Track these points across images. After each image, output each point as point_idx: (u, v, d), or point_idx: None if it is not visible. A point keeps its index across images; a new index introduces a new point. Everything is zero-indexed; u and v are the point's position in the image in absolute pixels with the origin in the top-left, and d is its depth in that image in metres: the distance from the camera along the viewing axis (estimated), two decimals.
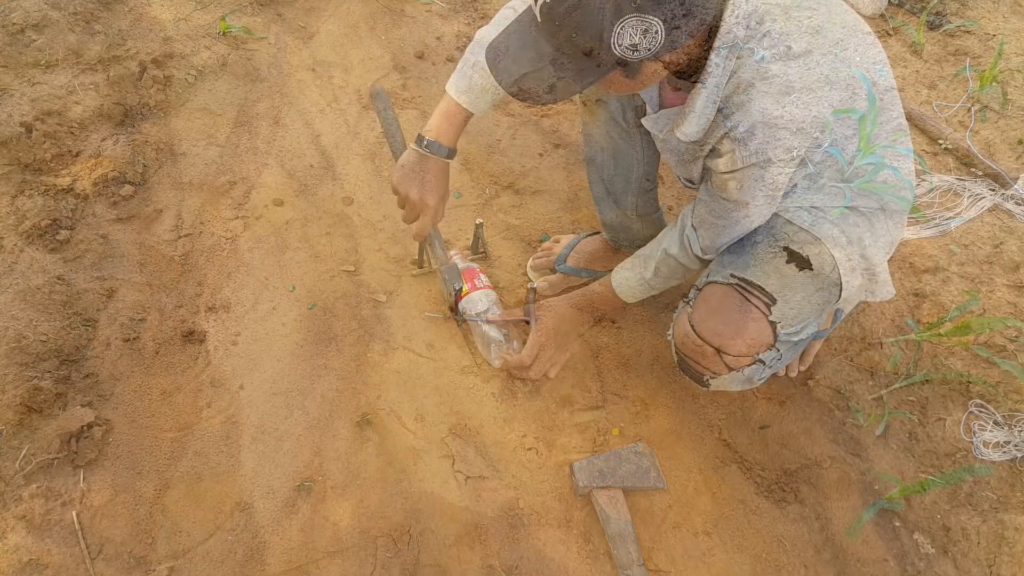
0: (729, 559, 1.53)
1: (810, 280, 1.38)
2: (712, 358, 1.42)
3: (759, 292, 1.37)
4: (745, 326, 1.38)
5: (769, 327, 1.37)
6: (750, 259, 1.41)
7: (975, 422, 1.73)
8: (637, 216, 1.82)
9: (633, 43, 1.07)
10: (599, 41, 1.07)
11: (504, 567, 1.47)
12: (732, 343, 1.38)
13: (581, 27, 1.07)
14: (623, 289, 1.66)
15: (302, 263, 1.94)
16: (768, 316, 1.37)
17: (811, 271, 1.38)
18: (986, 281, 2.00)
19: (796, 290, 1.38)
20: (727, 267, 1.43)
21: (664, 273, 1.58)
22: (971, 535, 1.56)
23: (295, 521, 1.49)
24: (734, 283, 1.40)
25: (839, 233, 1.40)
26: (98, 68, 2.27)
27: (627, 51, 1.09)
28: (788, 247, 1.39)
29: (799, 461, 1.68)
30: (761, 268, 1.39)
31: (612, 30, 1.06)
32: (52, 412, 1.55)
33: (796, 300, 1.38)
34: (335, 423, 1.65)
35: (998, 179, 2.28)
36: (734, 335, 1.38)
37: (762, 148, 1.20)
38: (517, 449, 1.65)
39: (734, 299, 1.39)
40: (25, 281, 1.74)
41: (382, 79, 2.49)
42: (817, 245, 1.38)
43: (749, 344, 1.38)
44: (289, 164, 2.18)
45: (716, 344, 1.40)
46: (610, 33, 1.06)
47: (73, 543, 1.41)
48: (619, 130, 1.66)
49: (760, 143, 1.20)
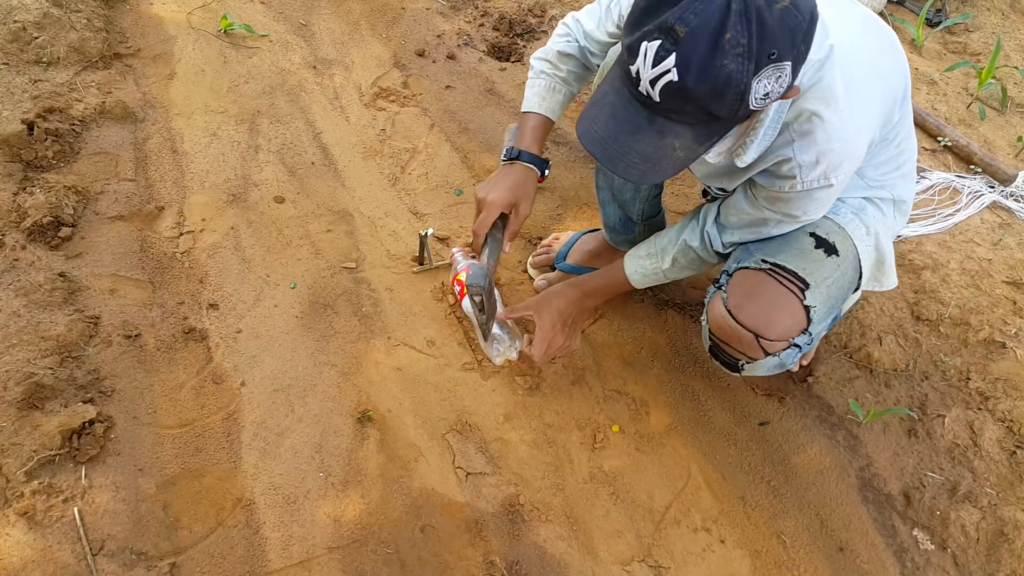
0: (728, 555, 1.53)
1: (836, 266, 1.40)
2: (750, 343, 1.41)
3: (792, 276, 1.38)
4: (783, 310, 1.38)
5: (804, 311, 1.38)
6: (779, 245, 1.42)
7: (975, 419, 1.73)
8: (641, 220, 1.82)
9: (767, 92, 1.06)
10: (740, 103, 1.04)
11: (505, 563, 1.47)
12: (771, 328, 1.38)
13: (720, 95, 1.03)
14: (636, 277, 1.63)
15: (303, 260, 1.94)
16: (803, 300, 1.38)
17: (837, 256, 1.40)
18: (985, 278, 2.00)
19: (826, 275, 1.39)
20: (755, 253, 1.44)
21: (681, 264, 1.57)
22: (970, 531, 1.56)
23: (296, 517, 1.50)
24: (767, 268, 1.40)
25: (859, 224, 1.43)
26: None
27: (761, 102, 1.07)
28: (815, 233, 1.41)
29: (799, 457, 1.68)
30: (791, 253, 1.41)
31: (752, 88, 1.03)
32: (54, 409, 1.55)
33: (826, 284, 1.40)
34: (336, 420, 1.65)
35: (997, 176, 2.28)
36: (773, 320, 1.38)
37: (826, 174, 1.24)
38: (517, 446, 1.65)
39: (769, 284, 1.39)
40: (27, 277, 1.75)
41: (383, 76, 2.50)
42: (841, 233, 1.42)
43: (787, 328, 1.39)
44: (290, 161, 2.18)
45: (755, 329, 1.39)
46: (750, 92, 1.04)
47: (75, 539, 1.41)
48: None
49: (824, 170, 1.23)
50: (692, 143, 1.12)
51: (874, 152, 1.39)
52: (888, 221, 1.49)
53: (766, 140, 1.24)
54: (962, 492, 1.62)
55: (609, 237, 1.92)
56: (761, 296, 1.39)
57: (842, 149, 1.22)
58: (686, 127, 1.10)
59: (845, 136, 1.22)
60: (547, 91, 1.62)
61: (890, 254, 1.50)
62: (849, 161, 1.25)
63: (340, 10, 2.75)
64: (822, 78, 1.18)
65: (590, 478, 1.62)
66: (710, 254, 1.53)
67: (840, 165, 1.24)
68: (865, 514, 1.61)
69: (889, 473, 1.67)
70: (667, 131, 1.11)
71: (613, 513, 1.57)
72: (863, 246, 1.43)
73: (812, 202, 1.32)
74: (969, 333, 1.87)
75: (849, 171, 1.27)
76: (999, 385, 1.77)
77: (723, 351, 1.48)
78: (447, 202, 2.15)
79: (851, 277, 1.44)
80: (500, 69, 2.61)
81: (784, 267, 1.39)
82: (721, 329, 1.44)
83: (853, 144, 1.24)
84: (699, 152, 1.15)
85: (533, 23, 2.78)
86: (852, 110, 1.21)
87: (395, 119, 2.37)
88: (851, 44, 1.22)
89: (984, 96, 2.58)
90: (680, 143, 1.12)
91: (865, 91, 1.24)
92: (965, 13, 2.85)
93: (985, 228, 2.15)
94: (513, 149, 1.59)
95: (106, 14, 2.49)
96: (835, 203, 1.44)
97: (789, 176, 1.26)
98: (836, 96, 1.19)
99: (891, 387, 1.80)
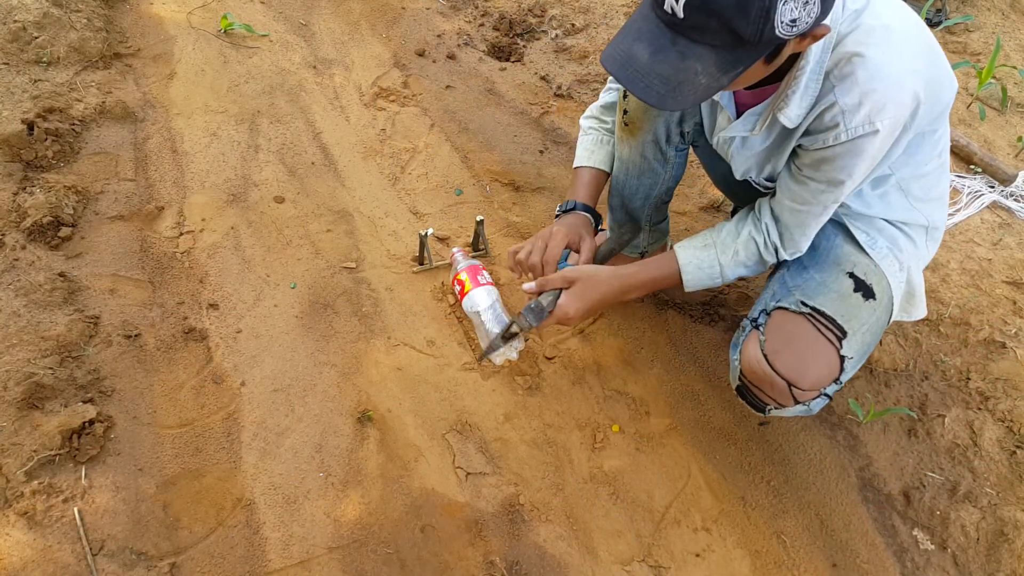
0: (728, 555, 1.53)
1: (873, 311, 1.37)
2: (782, 391, 1.37)
3: (831, 324, 1.34)
4: (819, 360, 1.34)
5: (839, 360, 1.34)
6: (817, 284, 1.37)
7: (975, 419, 1.73)
8: (648, 224, 1.82)
9: (794, 18, 1.03)
10: (765, 21, 1.01)
11: (505, 563, 1.47)
12: (806, 378, 1.34)
13: (745, 9, 1.00)
14: (690, 269, 1.49)
15: (303, 260, 1.94)
16: (840, 350, 1.34)
17: (874, 300, 1.37)
18: (985, 278, 2.00)
19: (863, 321, 1.36)
20: (794, 292, 1.39)
21: (741, 258, 1.46)
22: (970, 531, 1.56)
23: (296, 517, 1.50)
24: (806, 312, 1.36)
25: (893, 260, 1.41)
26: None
27: (787, 28, 1.04)
28: (853, 273, 1.38)
29: (799, 457, 1.68)
30: (829, 296, 1.36)
31: (777, 7, 1.00)
32: (54, 408, 1.55)
33: (862, 332, 1.36)
34: (336, 420, 1.65)
35: (997, 176, 2.28)
36: (809, 369, 1.34)
37: (870, 118, 1.16)
38: (517, 446, 1.65)
39: (808, 331, 1.35)
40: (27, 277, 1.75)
41: (383, 76, 2.50)
42: (878, 273, 1.39)
43: (821, 378, 1.35)
44: (290, 161, 2.18)
45: (789, 378, 1.34)
46: (776, 10, 1.01)
47: (75, 539, 1.41)
48: (655, 151, 1.63)
49: (868, 112, 1.16)
50: (715, 70, 1.08)
51: (919, 152, 1.34)
52: (920, 252, 1.46)
53: (809, 93, 1.20)
54: (962, 492, 1.62)
55: (613, 240, 1.91)
56: (799, 344, 1.34)
57: (886, 89, 1.15)
58: (709, 50, 1.06)
59: (888, 73, 1.15)
60: (595, 144, 1.64)
61: (920, 285, 1.47)
62: (894, 104, 1.16)
63: (340, 10, 2.75)
64: (861, 23, 1.16)
65: (590, 478, 1.62)
66: (769, 251, 1.44)
67: (884, 106, 1.16)
68: (865, 514, 1.61)
69: (889, 473, 1.66)
70: (689, 53, 1.07)
71: (613, 513, 1.57)
72: (896, 283, 1.40)
73: (857, 157, 1.22)
74: (969, 333, 1.87)
75: (896, 119, 1.18)
76: (999, 385, 1.77)
77: (751, 392, 1.44)
78: (447, 202, 2.15)
79: (884, 320, 1.41)
80: (500, 69, 2.61)
81: (824, 313, 1.35)
82: (754, 373, 1.39)
83: (897, 85, 1.16)
84: (722, 83, 1.09)
85: (533, 23, 2.78)
86: (894, 49, 1.15)
87: (395, 119, 2.37)
88: (893, 2, 1.20)
89: (984, 96, 2.58)
90: (702, 67, 1.08)
91: (910, 37, 1.18)
92: (967, 15, 2.84)
93: (985, 228, 2.15)
94: (568, 202, 1.61)
95: (106, 14, 2.49)
96: (871, 234, 1.40)
97: (832, 126, 1.20)
98: (876, 37, 1.15)
99: (891, 387, 1.80)
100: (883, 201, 1.40)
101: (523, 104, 2.48)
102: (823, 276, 1.38)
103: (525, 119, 2.42)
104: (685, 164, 1.71)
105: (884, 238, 1.42)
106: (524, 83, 2.56)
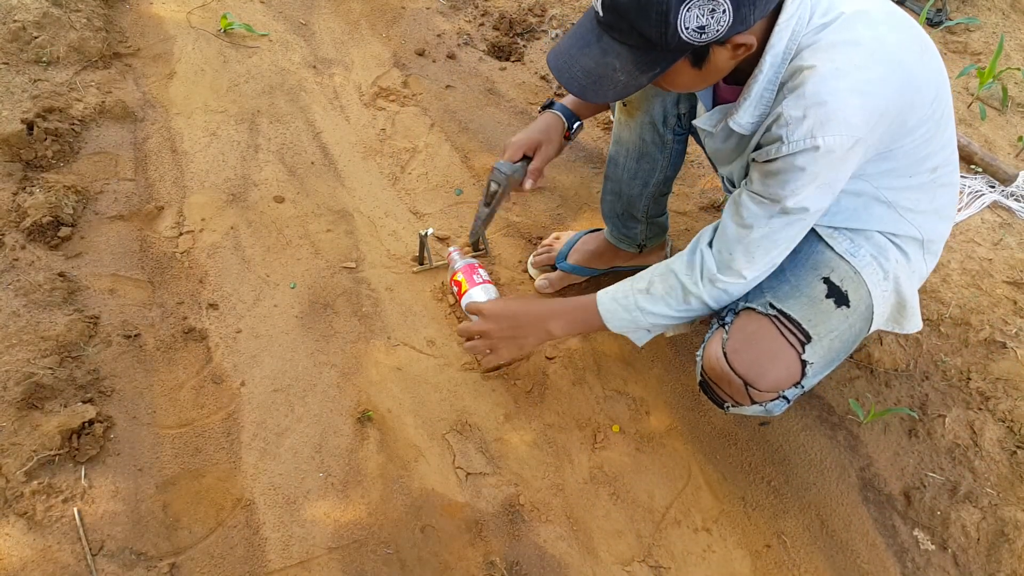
0: (729, 555, 1.53)
1: (845, 318, 1.35)
2: (739, 390, 1.37)
3: (796, 328, 1.33)
4: (778, 362, 1.33)
5: (800, 365, 1.33)
6: (790, 288, 1.35)
7: (975, 419, 1.73)
8: (645, 218, 1.82)
9: (700, 25, 1.05)
10: (665, 25, 1.05)
11: (505, 564, 1.47)
12: (763, 379, 1.33)
13: (644, 13, 1.05)
14: (605, 299, 1.43)
15: (303, 260, 1.94)
16: (801, 355, 1.32)
17: (848, 308, 1.34)
18: (986, 278, 2.00)
19: (831, 328, 1.34)
20: (766, 293, 1.37)
21: (658, 292, 1.38)
22: (971, 531, 1.56)
23: (296, 517, 1.50)
24: (772, 314, 1.34)
25: (876, 268, 1.37)
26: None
27: (695, 34, 1.06)
28: (828, 278, 1.35)
29: (799, 457, 1.68)
30: (799, 300, 1.34)
31: (678, 12, 1.03)
32: (53, 409, 1.55)
33: (829, 339, 1.34)
34: (336, 420, 1.65)
35: (998, 176, 2.28)
36: (767, 371, 1.33)
37: (812, 132, 1.12)
38: (518, 446, 1.65)
39: (770, 332, 1.33)
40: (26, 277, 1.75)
41: (383, 76, 2.49)
42: (856, 280, 1.35)
43: (779, 381, 1.34)
44: (290, 161, 2.18)
45: (746, 377, 1.34)
46: (676, 15, 1.04)
47: (74, 539, 1.41)
48: (653, 134, 1.64)
49: (811, 126, 1.12)
50: (632, 68, 1.14)
51: (898, 166, 1.30)
52: (913, 264, 1.41)
53: (763, 102, 1.20)
54: (963, 492, 1.61)
55: (611, 235, 1.91)
56: (759, 344, 1.33)
57: (833, 105, 1.11)
58: (626, 49, 1.13)
59: (837, 89, 1.11)
60: None
61: (912, 298, 1.42)
62: (839, 122, 1.11)
63: (340, 9, 2.75)
64: (822, 38, 1.14)
65: (590, 478, 1.61)
66: (696, 282, 1.34)
67: (828, 123, 1.11)
68: (865, 514, 1.60)
69: (889, 473, 1.66)
70: (609, 50, 1.14)
71: (613, 513, 1.57)
72: (877, 292, 1.37)
73: (800, 174, 1.16)
74: (970, 333, 1.87)
75: (843, 137, 1.12)
76: (1000, 385, 1.77)
77: (712, 389, 1.44)
78: (447, 202, 2.14)
79: (859, 328, 1.38)
80: (500, 69, 2.60)
81: (789, 316, 1.33)
82: (713, 370, 1.39)
83: (847, 103, 1.11)
84: (641, 81, 1.14)
85: (533, 23, 2.78)
86: (851, 65, 1.11)
87: (395, 119, 2.37)
88: (867, 18, 1.16)
89: (985, 96, 2.57)
90: (620, 64, 1.14)
91: (877, 54, 1.13)
92: (970, 16, 2.84)
93: (986, 228, 2.15)
94: (549, 100, 1.61)
95: (106, 13, 2.49)
96: (855, 240, 1.37)
97: (776, 138, 1.16)
98: (835, 52, 1.12)
99: (891, 387, 1.80)
100: (867, 212, 1.36)
101: (523, 104, 2.48)
102: (797, 280, 1.36)
103: (525, 119, 2.42)
104: (683, 154, 1.72)
105: (871, 246, 1.38)
106: (524, 83, 2.56)
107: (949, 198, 1.41)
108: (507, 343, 1.56)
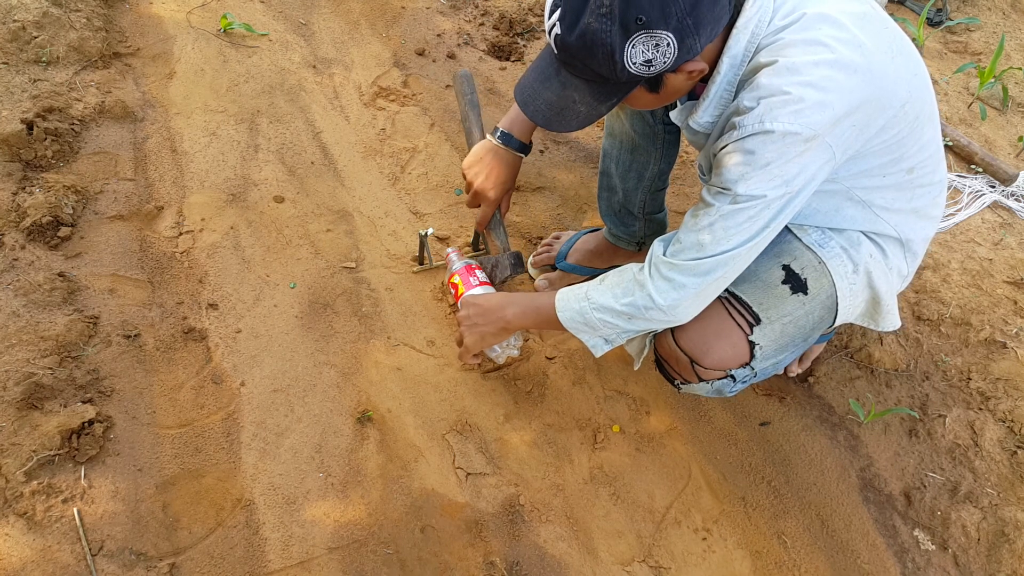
0: (729, 555, 1.53)
1: (801, 304, 1.36)
2: (685, 367, 1.42)
3: (745, 310, 1.36)
4: (723, 341, 1.37)
5: (747, 346, 1.36)
6: (748, 273, 1.34)
7: (975, 419, 1.73)
8: (642, 214, 1.82)
9: (647, 59, 1.08)
10: (613, 63, 1.09)
11: (505, 564, 1.47)
12: (707, 356, 1.37)
13: (591, 53, 1.09)
14: (561, 293, 1.42)
15: (303, 260, 1.94)
16: (748, 335, 1.36)
17: (804, 295, 1.36)
18: (986, 277, 2.00)
19: (785, 313, 1.36)
20: None
21: (610, 281, 1.36)
22: (971, 531, 1.56)
23: (296, 517, 1.50)
24: (723, 297, 1.37)
25: (845, 260, 1.36)
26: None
27: (643, 68, 1.09)
28: (788, 266, 1.36)
29: (799, 458, 1.68)
30: (754, 284, 1.37)
31: (623, 51, 1.07)
32: (53, 408, 1.55)
33: (782, 323, 1.36)
34: (336, 420, 1.65)
35: (998, 176, 2.28)
36: (711, 349, 1.37)
37: (762, 118, 1.12)
38: (518, 446, 1.65)
39: (718, 312, 1.37)
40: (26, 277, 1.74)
41: (383, 76, 2.49)
42: (819, 269, 1.35)
43: (724, 359, 1.38)
44: (290, 161, 2.18)
45: (691, 354, 1.39)
46: (622, 54, 1.07)
47: (74, 539, 1.41)
48: (643, 125, 1.65)
49: (761, 113, 1.12)
50: (591, 99, 1.17)
51: (878, 170, 1.29)
52: (891, 261, 1.40)
53: (721, 101, 1.23)
54: (963, 492, 1.61)
55: (610, 233, 1.91)
56: (706, 323, 1.36)
57: (787, 95, 1.10)
58: (583, 82, 1.17)
59: (792, 82, 1.10)
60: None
61: (888, 295, 1.41)
62: (793, 112, 1.10)
63: (340, 9, 2.75)
64: (781, 38, 1.15)
65: (590, 478, 1.61)
66: (643, 269, 1.30)
67: (779, 108, 1.10)
68: (866, 514, 1.60)
69: (890, 473, 1.66)
70: (568, 84, 1.18)
71: (613, 513, 1.57)
72: (844, 284, 1.36)
73: (745, 156, 1.14)
74: (970, 333, 1.86)
75: (794, 127, 1.10)
76: (1000, 385, 1.77)
77: (664, 366, 1.50)
78: (447, 202, 2.14)
79: (819, 316, 1.39)
80: (500, 68, 2.60)
81: (740, 298, 1.36)
82: (663, 347, 1.45)
83: (802, 94, 1.10)
84: (600, 111, 1.18)
85: (533, 22, 2.78)
86: (807, 62, 1.11)
87: (395, 118, 2.36)
88: (831, 19, 1.15)
89: (985, 96, 2.57)
90: (579, 97, 1.18)
91: (840, 54, 1.12)
92: (971, 16, 2.84)
93: (986, 228, 2.15)
94: (507, 134, 1.63)
95: (105, 13, 2.49)
96: (827, 232, 1.36)
97: (731, 127, 1.18)
98: (792, 51, 1.12)
99: (892, 387, 1.80)
100: (840, 213, 1.35)
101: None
102: (756, 265, 1.34)
103: None
104: (676, 146, 1.72)
105: (842, 239, 1.37)
106: None
107: (930, 198, 1.39)
108: (470, 331, 1.57)
